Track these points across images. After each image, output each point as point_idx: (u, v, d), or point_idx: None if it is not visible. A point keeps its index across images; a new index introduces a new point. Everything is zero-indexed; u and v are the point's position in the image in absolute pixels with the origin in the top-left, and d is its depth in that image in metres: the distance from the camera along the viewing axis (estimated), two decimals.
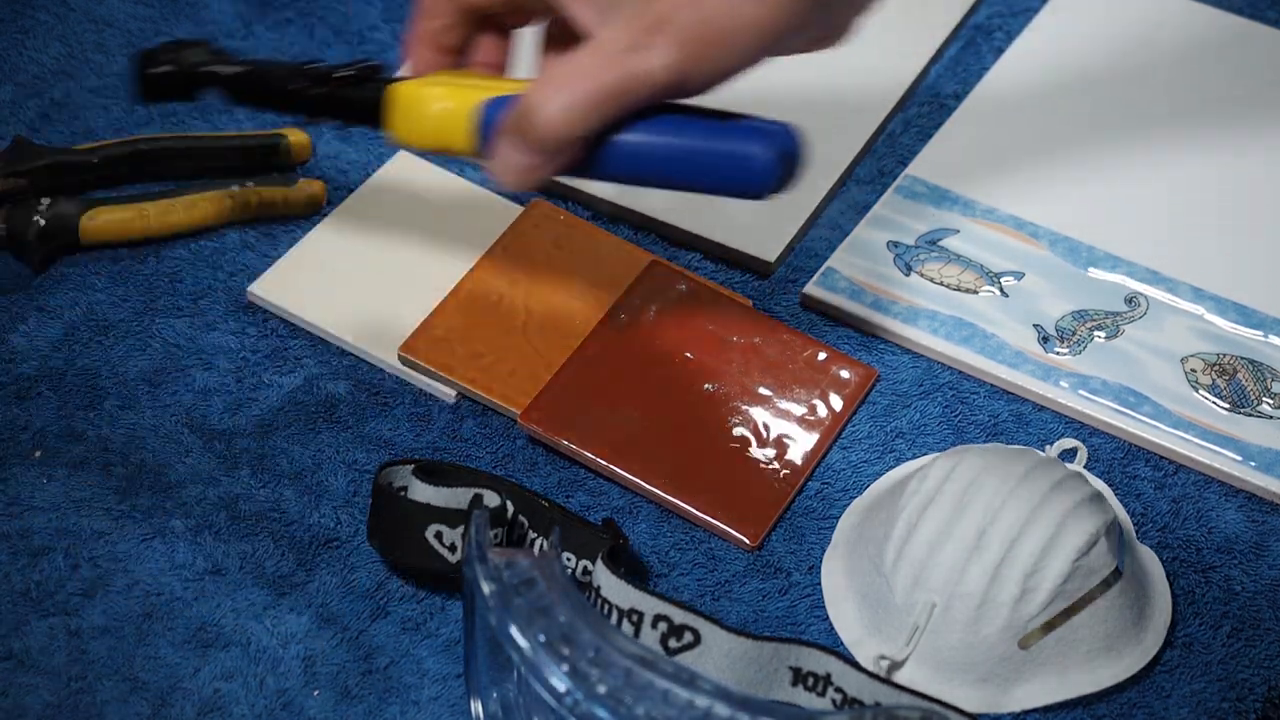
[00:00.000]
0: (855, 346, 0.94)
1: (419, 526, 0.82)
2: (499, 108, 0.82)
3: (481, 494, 0.83)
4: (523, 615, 0.75)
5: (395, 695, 0.82)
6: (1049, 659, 0.81)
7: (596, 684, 0.73)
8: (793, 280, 0.97)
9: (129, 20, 1.08)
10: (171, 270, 0.97)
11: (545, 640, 0.74)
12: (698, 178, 0.81)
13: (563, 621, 0.75)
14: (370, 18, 1.09)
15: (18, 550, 0.86)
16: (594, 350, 0.92)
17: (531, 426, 0.90)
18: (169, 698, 0.82)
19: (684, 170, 0.81)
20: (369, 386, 0.93)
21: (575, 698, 0.73)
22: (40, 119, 1.03)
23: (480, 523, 0.78)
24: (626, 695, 0.73)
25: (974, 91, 1.05)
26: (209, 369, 0.93)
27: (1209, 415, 0.91)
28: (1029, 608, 0.80)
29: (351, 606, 0.85)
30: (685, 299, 0.94)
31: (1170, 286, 0.96)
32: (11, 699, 0.81)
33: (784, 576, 0.86)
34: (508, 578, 0.76)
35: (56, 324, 0.94)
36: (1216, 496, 0.89)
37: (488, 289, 0.95)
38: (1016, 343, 0.93)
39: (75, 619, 0.84)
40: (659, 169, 0.81)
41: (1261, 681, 0.83)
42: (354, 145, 1.03)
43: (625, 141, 0.81)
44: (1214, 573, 0.87)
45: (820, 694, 0.80)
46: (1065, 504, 0.81)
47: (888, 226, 0.98)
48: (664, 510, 0.88)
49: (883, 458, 0.91)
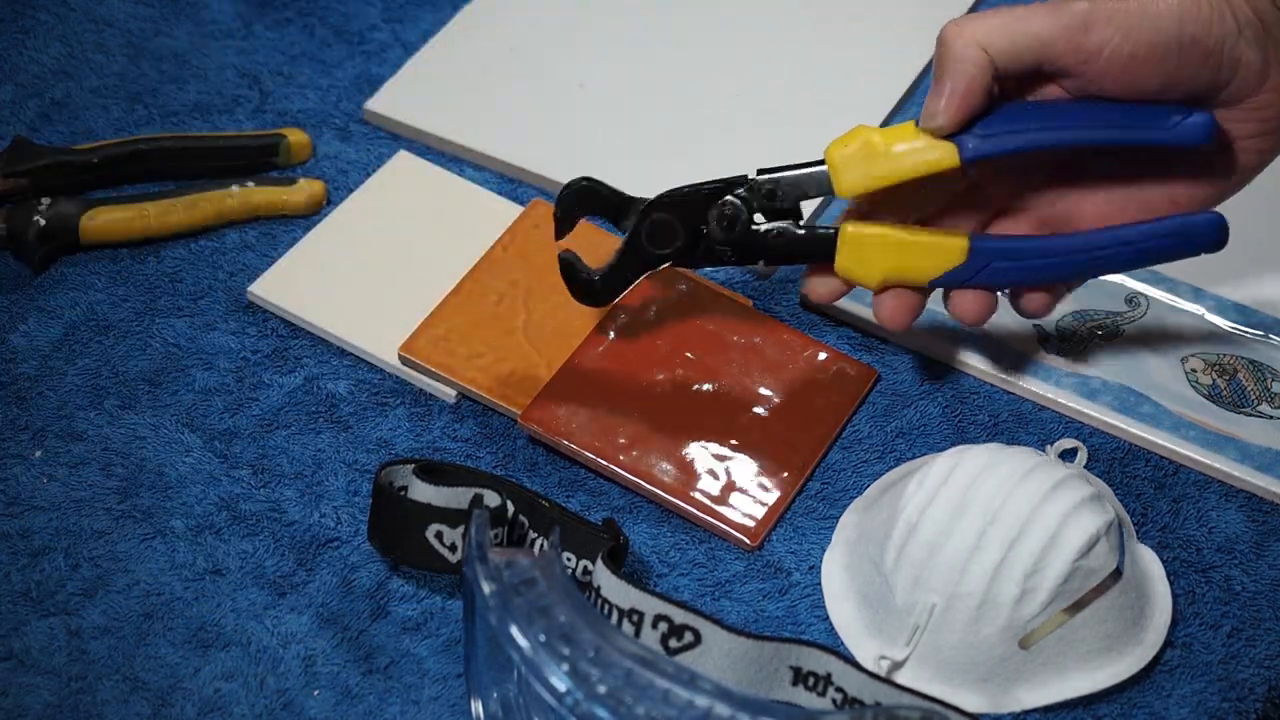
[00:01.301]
0: (855, 346, 0.94)
1: (419, 526, 0.82)
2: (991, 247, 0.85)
3: (482, 494, 0.83)
4: (523, 615, 0.75)
5: (395, 695, 0.82)
6: (1049, 659, 0.81)
7: (597, 684, 0.73)
8: (793, 280, 0.97)
9: (129, 20, 1.08)
10: (172, 270, 0.97)
11: (545, 640, 0.74)
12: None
13: (563, 621, 0.75)
14: (370, 18, 1.09)
15: (18, 550, 0.86)
16: (594, 350, 0.92)
17: (532, 426, 0.90)
18: (169, 698, 0.82)
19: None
20: (369, 386, 0.93)
21: (575, 697, 0.73)
22: (40, 119, 1.03)
23: (480, 522, 0.78)
24: (627, 695, 0.73)
25: None
26: (209, 369, 0.93)
27: (1209, 415, 0.91)
28: (1029, 608, 0.80)
29: (351, 606, 0.85)
30: (685, 299, 0.94)
31: (1170, 287, 0.96)
32: (12, 699, 0.81)
33: (784, 576, 0.86)
34: (508, 577, 0.76)
35: (57, 324, 0.94)
36: (1216, 496, 0.89)
37: (488, 289, 0.95)
38: (1017, 343, 0.93)
39: (75, 619, 0.84)
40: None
41: (1261, 681, 0.83)
42: (354, 145, 1.03)
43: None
44: (1214, 573, 0.87)
45: (820, 694, 0.80)
46: (1065, 504, 0.81)
47: None
48: (664, 510, 0.88)
49: (883, 458, 0.91)
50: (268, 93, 1.05)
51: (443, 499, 0.82)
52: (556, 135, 1.02)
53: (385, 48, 1.08)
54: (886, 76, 1.05)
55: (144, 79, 1.05)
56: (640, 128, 1.03)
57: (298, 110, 1.04)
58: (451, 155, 1.02)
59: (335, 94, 1.05)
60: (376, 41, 1.08)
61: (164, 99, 1.05)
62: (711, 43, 1.07)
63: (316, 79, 1.06)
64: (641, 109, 1.03)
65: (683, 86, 1.05)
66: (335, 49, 1.07)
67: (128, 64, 1.06)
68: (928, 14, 1.09)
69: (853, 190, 0.84)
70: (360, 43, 1.08)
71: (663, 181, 0.85)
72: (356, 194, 1.00)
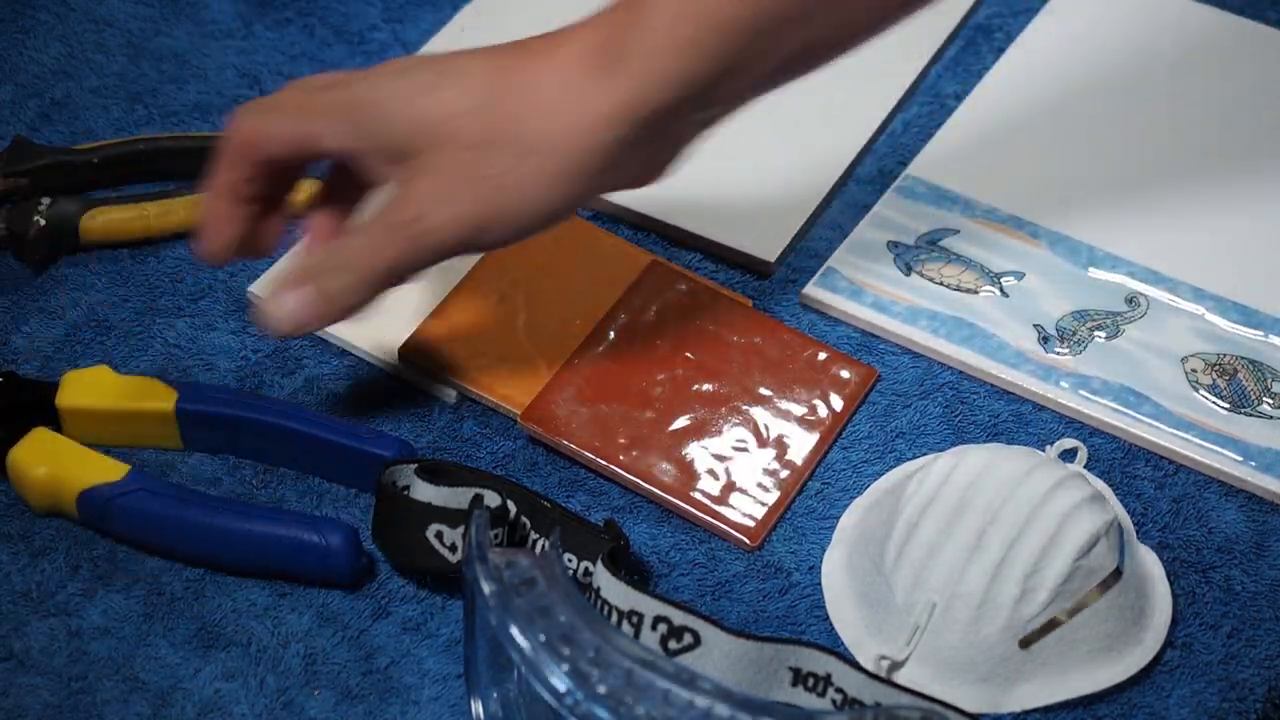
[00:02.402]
0: (855, 346, 0.94)
1: (420, 526, 0.82)
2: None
3: (482, 494, 0.83)
4: (523, 615, 0.75)
5: (395, 695, 0.82)
6: (1049, 659, 0.81)
7: (597, 684, 0.73)
8: (793, 280, 0.97)
9: (129, 20, 1.08)
10: (172, 270, 0.97)
11: (545, 640, 0.74)
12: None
13: (563, 621, 0.75)
14: (370, 18, 1.09)
15: (18, 550, 0.86)
16: (594, 350, 0.92)
17: (532, 426, 0.90)
18: (169, 697, 0.82)
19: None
20: (369, 386, 0.93)
21: (576, 698, 0.73)
22: (40, 119, 1.03)
23: (481, 523, 0.78)
24: (627, 695, 0.73)
25: (974, 91, 1.05)
26: (210, 369, 0.93)
27: (1209, 415, 0.91)
28: (1029, 608, 0.80)
29: (352, 606, 0.85)
30: (685, 299, 0.94)
31: (1171, 286, 0.96)
32: (12, 699, 0.81)
33: (784, 576, 0.86)
34: (508, 578, 0.76)
35: (58, 324, 0.94)
36: (1217, 496, 0.89)
37: (488, 289, 0.95)
38: (1017, 343, 0.93)
39: (76, 619, 0.84)
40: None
41: (1261, 681, 0.83)
42: None
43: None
44: (1214, 573, 0.87)
45: (820, 694, 0.79)
46: (1065, 504, 0.81)
47: (888, 226, 0.98)
48: (664, 510, 0.88)
49: (883, 458, 0.91)
50: (268, 93, 1.05)
51: (443, 499, 0.82)
52: None
53: (385, 48, 1.07)
54: (886, 76, 1.05)
55: (144, 79, 1.05)
56: None
57: None
58: None
59: None
60: (376, 41, 1.08)
61: (164, 99, 1.05)
62: None
63: None
64: None
65: None
66: (335, 49, 1.07)
67: (128, 64, 1.06)
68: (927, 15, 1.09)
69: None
70: (360, 43, 1.08)
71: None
72: None
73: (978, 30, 1.09)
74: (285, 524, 0.84)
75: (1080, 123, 1.03)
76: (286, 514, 0.85)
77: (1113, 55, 1.07)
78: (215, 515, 0.84)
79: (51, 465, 0.85)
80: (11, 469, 0.86)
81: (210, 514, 0.84)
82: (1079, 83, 1.05)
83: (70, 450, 0.86)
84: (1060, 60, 1.06)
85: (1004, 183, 1.00)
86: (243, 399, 0.89)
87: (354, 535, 0.83)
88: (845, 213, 1.00)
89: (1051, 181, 1.00)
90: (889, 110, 1.04)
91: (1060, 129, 1.03)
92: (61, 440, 0.86)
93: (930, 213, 0.99)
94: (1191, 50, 1.07)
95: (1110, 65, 1.06)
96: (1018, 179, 1.00)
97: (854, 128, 1.03)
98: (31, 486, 0.85)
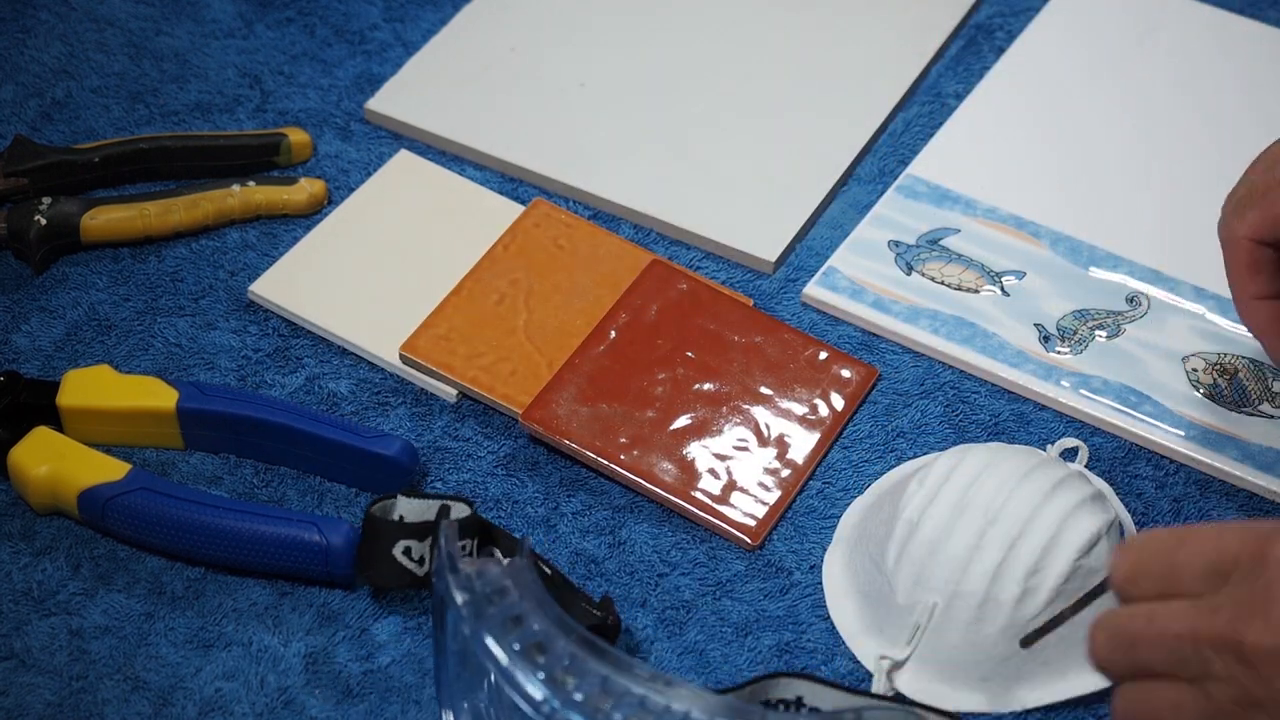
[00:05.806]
0: (856, 346, 0.94)
1: (386, 544, 0.82)
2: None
3: (448, 505, 0.82)
4: (497, 624, 0.74)
5: (396, 695, 0.82)
6: (1050, 659, 0.81)
7: (573, 691, 0.73)
8: (793, 280, 0.97)
9: (130, 20, 1.08)
10: (173, 270, 0.97)
11: (520, 649, 0.74)
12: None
13: (537, 630, 0.74)
14: (371, 17, 1.09)
15: (19, 550, 0.86)
16: (594, 350, 0.92)
17: (532, 426, 0.90)
18: (170, 697, 0.82)
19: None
20: (370, 386, 0.93)
21: (552, 705, 0.73)
22: (41, 119, 1.03)
23: (449, 533, 0.78)
24: (603, 702, 0.73)
25: (975, 91, 1.05)
26: (211, 368, 0.93)
27: (1210, 415, 0.91)
28: (1030, 607, 0.80)
29: (352, 605, 0.85)
30: (686, 298, 0.94)
31: (1172, 286, 0.96)
32: (13, 698, 0.81)
33: (785, 576, 0.86)
34: (480, 587, 0.76)
35: (59, 324, 0.94)
36: (1217, 496, 0.89)
37: (488, 289, 0.95)
38: (1018, 342, 0.93)
39: (76, 618, 0.84)
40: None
41: None
42: (355, 145, 1.03)
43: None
44: None
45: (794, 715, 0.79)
46: (1066, 503, 0.81)
47: (889, 226, 0.98)
48: (665, 510, 0.88)
49: (884, 457, 0.91)
50: (269, 92, 1.05)
51: (414, 513, 0.82)
52: (557, 135, 1.02)
53: (386, 47, 1.08)
54: (887, 75, 1.05)
55: (145, 78, 1.05)
56: (640, 128, 1.03)
57: (299, 110, 1.04)
58: (453, 155, 1.02)
59: (336, 93, 1.05)
60: (377, 41, 1.08)
61: (165, 98, 1.05)
62: (711, 42, 1.07)
63: (317, 78, 1.06)
64: (641, 109, 1.03)
65: (683, 86, 1.05)
66: (336, 48, 1.07)
67: (129, 63, 1.06)
68: (927, 14, 1.09)
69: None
70: (361, 42, 1.08)
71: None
72: (357, 193, 1.00)
73: (978, 30, 1.09)
74: (286, 523, 0.84)
75: (1081, 122, 1.03)
76: (287, 513, 0.85)
77: (1113, 54, 1.07)
78: (216, 515, 0.84)
79: (52, 464, 0.85)
80: (12, 468, 0.86)
81: (211, 513, 0.84)
82: (1079, 82, 1.05)
83: (71, 449, 0.86)
84: (1060, 60, 1.06)
85: (1005, 182, 1.00)
86: (244, 398, 0.89)
87: (354, 535, 0.83)
88: (846, 212, 1.00)
89: (1052, 181, 1.00)
90: (890, 109, 1.04)
91: (1061, 128, 1.03)
92: (62, 440, 0.86)
93: (931, 212, 0.99)
94: (1191, 50, 1.07)
95: (1110, 65, 1.06)
96: (1019, 178, 1.00)
97: (854, 127, 1.03)
98: (32, 486, 0.85)
